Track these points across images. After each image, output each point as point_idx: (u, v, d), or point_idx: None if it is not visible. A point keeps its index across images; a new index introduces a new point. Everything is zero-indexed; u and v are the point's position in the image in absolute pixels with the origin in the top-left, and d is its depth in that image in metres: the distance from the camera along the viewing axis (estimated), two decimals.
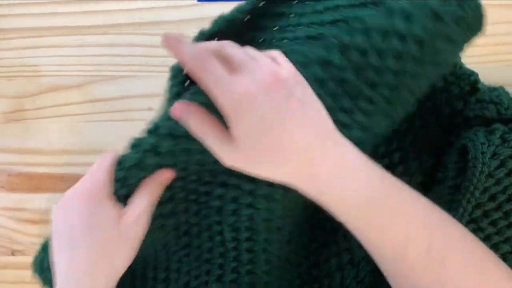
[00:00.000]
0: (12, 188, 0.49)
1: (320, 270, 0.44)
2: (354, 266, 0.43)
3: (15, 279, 0.49)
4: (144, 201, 0.36)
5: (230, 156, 0.33)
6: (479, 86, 0.42)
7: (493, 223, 0.40)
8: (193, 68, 0.32)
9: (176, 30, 0.50)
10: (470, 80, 0.42)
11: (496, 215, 0.40)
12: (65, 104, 0.48)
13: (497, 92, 0.42)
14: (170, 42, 0.33)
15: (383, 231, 0.33)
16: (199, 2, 0.49)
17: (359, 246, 0.35)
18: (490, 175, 0.39)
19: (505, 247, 0.39)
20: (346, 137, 0.34)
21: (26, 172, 0.49)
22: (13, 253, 0.49)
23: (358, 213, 0.33)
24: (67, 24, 0.48)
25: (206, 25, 0.46)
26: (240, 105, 0.31)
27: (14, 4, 0.49)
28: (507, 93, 0.43)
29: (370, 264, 0.42)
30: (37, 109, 0.49)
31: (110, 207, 0.35)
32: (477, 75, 0.42)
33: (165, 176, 0.37)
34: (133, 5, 0.49)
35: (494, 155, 0.39)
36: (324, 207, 0.34)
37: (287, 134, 0.32)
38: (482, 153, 0.39)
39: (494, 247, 0.38)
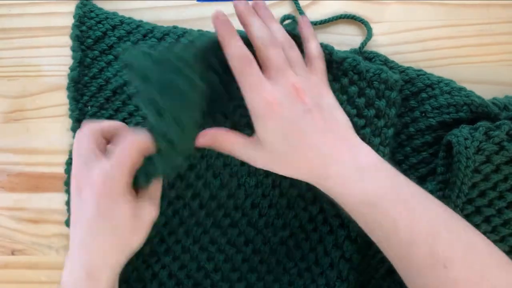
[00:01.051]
0: (12, 188, 0.49)
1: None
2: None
3: (15, 279, 0.49)
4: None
5: (257, 158, 0.37)
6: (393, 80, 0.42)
7: (487, 220, 0.41)
8: (235, 65, 0.35)
9: None
10: (381, 77, 0.41)
11: (488, 212, 0.41)
12: (65, 104, 0.48)
13: (465, 92, 0.43)
14: (223, 28, 0.36)
15: (387, 233, 0.35)
16: (199, 2, 0.49)
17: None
18: (476, 171, 0.41)
19: (503, 247, 0.40)
20: None
21: (26, 172, 0.49)
22: (13, 252, 0.49)
23: (361, 211, 0.36)
24: (67, 24, 0.47)
25: (206, 25, 0.47)
26: (267, 111, 0.35)
27: (14, 4, 0.49)
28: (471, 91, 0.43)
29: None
30: (37, 109, 0.49)
31: (125, 203, 0.35)
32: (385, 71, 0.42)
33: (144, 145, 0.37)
34: (132, 5, 0.49)
35: (478, 151, 0.40)
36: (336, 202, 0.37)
37: (304, 139, 0.36)
38: (466, 147, 0.40)
39: None
